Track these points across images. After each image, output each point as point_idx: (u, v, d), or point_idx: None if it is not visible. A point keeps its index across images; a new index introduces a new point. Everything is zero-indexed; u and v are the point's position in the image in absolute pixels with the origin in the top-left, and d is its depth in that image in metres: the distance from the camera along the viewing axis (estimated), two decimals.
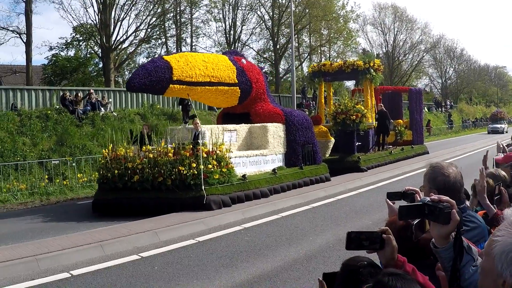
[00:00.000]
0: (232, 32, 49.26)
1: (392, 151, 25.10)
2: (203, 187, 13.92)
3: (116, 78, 37.09)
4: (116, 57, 39.05)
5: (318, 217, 13.04)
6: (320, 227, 11.67)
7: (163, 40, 44.66)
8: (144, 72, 14.54)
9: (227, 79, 16.43)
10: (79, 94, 26.16)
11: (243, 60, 17.69)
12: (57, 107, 25.05)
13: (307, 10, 49.33)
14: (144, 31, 40.50)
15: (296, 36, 47.88)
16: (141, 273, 8.52)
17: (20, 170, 19.24)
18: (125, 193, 14.26)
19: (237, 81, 16.76)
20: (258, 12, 50.76)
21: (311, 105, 36.05)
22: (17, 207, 16.78)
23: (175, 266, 8.87)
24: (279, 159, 17.69)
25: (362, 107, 21.76)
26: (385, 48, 70.90)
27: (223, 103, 18.00)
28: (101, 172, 15.01)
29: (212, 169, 14.28)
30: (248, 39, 52.25)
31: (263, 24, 51.42)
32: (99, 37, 37.54)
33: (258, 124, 17.47)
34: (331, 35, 53.35)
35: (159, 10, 41.00)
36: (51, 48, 38.95)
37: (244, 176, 15.38)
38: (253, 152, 16.72)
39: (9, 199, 17.56)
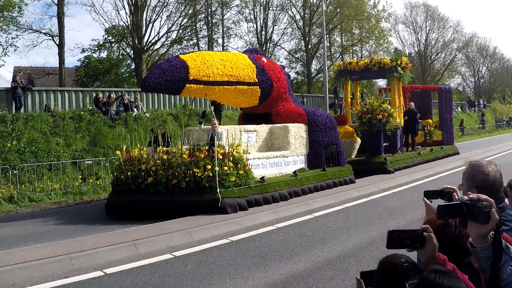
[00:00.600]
0: (263, 32, 48.17)
1: (421, 152, 23.63)
2: (218, 189, 12.98)
3: None
4: (148, 58, 38.46)
5: (351, 217, 12.61)
6: (354, 227, 11.28)
7: (195, 41, 43.79)
8: (160, 71, 13.77)
9: (247, 78, 15.51)
10: (111, 95, 25.77)
11: (263, 58, 16.70)
12: (90, 108, 24.77)
13: (338, 10, 47.98)
14: (175, 32, 39.80)
15: (327, 35, 46.57)
16: (174, 272, 8.34)
17: (53, 170, 19.07)
18: (139, 196, 13.49)
19: (257, 80, 15.83)
20: (289, 12, 49.55)
21: (343, 105, 34.81)
22: (51, 207, 16.54)
23: (208, 265, 8.70)
24: (301, 161, 16.64)
25: (389, 106, 20.48)
26: (417, 47, 68.75)
27: (243, 103, 17.04)
28: (115, 174, 14.24)
29: (228, 171, 13.35)
30: (279, 39, 50.98)
31: (295, 24, 50.19)
32: (131, 38, 36.98)
33: (279, 125, 16.46)
34: (363, 34, 51.81)
35: (190, 11, 40.24)
36: (83, 50, 38.48)
37: (262, 178, 14.39)
38: (273, 154, 15.71)
39: (43, 199, 17.33)
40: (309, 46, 49.92)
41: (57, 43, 32.63)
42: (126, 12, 36.34)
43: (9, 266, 8.44)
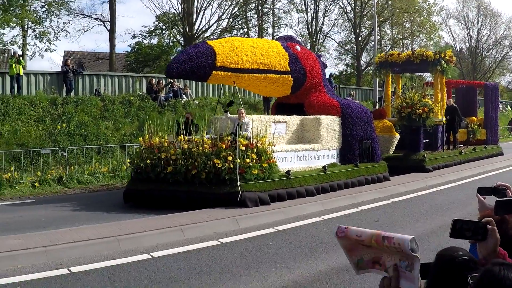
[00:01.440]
0: (313, 23, 46.36)
1: (463, 151, 21.64)
2: (238, 182, 11.81)
3: None
4: None
5: (398, 212, 12.11)
6: (400, 223, 10.84)
7: (245, 30, 42.52)
8: (185, 57, 12.75)
9: (278, 66, 14.25)
10: (161, 81, 25.08)
11: (297, 46, 15.32)
12: (140, 93, 24.46)
13: (389, 2, 45.78)
14: (226, 20, 38.83)
15: (378, 28, 44.37)
16: (221, 259, 8.17)
17: (102, 154, 18.70)
18: (157, 185, 12.52)
19: (289, 69, 14.56)
20: (340, 3, 47.44)
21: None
22: (99, 189, 16.27)
23: (255, 253, 8.47)
24: (332, 155, 15.23)
25: (430, 101, 18.63)
26: (468, 43, 64.89)
27: (274, 92, 15.75)
28: (135, 161, 13.22)
29: (251, 164, 12.14)
30: (329, 31, 48.96)
31: (345, 15, 48.14)
32: (181, 26, 36.17)
33: (311, 116, 15.10)
34: (414, 28, 49.28)
35: (241, 0, 39.02)
36: (134, 36, 37.82)
37: (288, 172, 13.09)
38: (302, 146, 14.37)
39: (91, 181, 16.97)
40: (359, 38, 47.91)
41: (108, 28, 32.16)
42: None
43: (57, 245, 8.34)
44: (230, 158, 11.93)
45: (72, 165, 17.57)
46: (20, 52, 26.70)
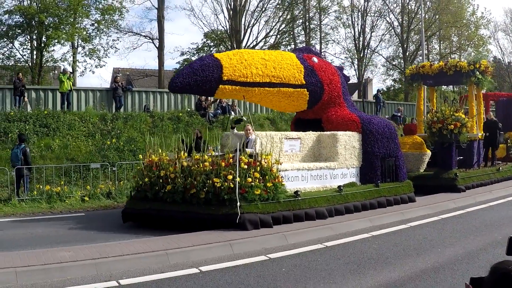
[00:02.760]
0: (361, 38, 43.98)
1: (500, 168, 18.94)
2: (238, 203, 10.17)
3: None
4: None
5: (447, 228, 11.26)
6: (449, 239, 10.09)
7: (292, 46, 40.80)
8: (189, 71, 11.34)
9: (292, 79, 12.57)
10: (209, 98, 23.67)
11: (314, 58, 13.46)
12: (189, 109, 23.53)
13: (437, 16, 42.81)
14: (273, 37, 37.38)
15: (425, 42, 41.51)
16: (269, 274, 7.74)
17: None
18: (155, 204, 11.06)
19: (304, 82, 12.87)
20: (387, 19, 44.84)
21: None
22: None
23: (303, 269, 8.04)
24: (351, 174, 13.27)
25: (463, 115, 16.20)
26: None
27: (289, 107, 13.94)
28: (136, 179, 11.81)
29: (253, 183, 10.44)
30: (377, 46, 46.34)
31: (392, 30, 45.45)
32: (229, 42, 35.01)
33: (327, 132, 13.24)
34: (462, 42, 45.95)
35: (288, 17, 37.48)
36: (182, 53, 36.95)
37: (296, 192, 11.27)
38: (316, 165, 12.49)
39: None
40: (407, 53, 45.16)
41: (157, 46, 31.34)
42: (224, 17, 34.51)
43: (107, 258, 8.09)
44: (230, 177, 10.31)
45: (121, 180, 16.75)
46: (70, 70, 26.25)
